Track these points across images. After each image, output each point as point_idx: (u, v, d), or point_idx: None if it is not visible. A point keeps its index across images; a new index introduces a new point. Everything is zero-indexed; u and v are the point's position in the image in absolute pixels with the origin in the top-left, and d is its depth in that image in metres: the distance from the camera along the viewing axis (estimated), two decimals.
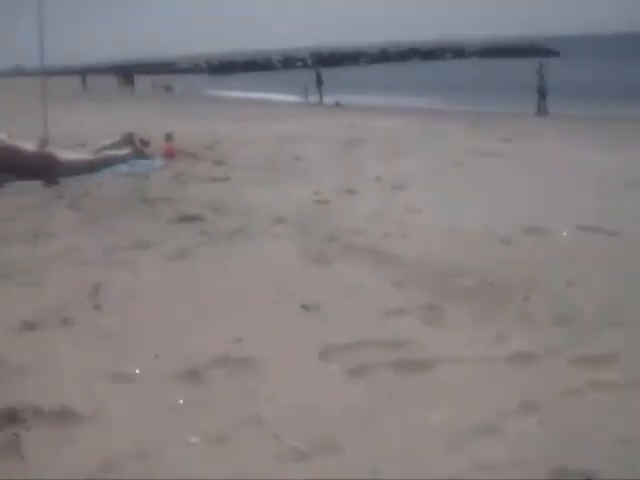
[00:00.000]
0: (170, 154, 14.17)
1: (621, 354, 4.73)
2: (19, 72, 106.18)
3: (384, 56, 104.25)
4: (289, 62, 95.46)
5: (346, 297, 5.97)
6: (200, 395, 4.29)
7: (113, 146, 13.62)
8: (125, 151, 13.48)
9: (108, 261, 7.12)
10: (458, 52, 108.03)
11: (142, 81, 65.53)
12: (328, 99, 37.94)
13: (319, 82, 40.37)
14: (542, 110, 29.05)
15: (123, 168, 12.74)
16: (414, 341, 5.02)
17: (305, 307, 5.69)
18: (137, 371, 4.60)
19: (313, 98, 39.79)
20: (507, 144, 15.77)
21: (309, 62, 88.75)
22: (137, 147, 13.96)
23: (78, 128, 18.14)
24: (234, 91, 56.24)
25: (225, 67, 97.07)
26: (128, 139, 14.08)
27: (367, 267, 6.78)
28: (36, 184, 11.41)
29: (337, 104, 35.49)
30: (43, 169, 11.73)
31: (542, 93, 29.29)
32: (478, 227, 8.02)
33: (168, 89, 61.44)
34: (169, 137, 14.86)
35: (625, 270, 6.48)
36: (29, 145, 12.10)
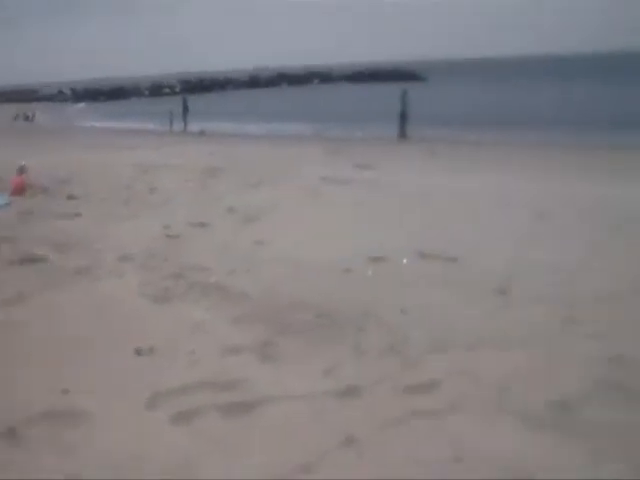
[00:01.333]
0: (20, 189, 13.70)
1: (442, 380, 4.89)
2: None
3: (253, 82, 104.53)
4: (157, 89, 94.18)
5: (183, 338, 5.91)
6: (17, 456, 4.13)
7: None
8: None
9: None
10: (326, 77, 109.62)
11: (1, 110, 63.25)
12: (193, 127, 37.65)
13: (185, 110, 40.04)
14: (403, 134, 29.88)
15: None
16: (246, 380, 5.03)
17: (138, 351, 5.59)
18: None
19: (178, 126, 39.42)
20: (364, 170, 16.06)
21: (177, 89, 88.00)
22: None
23: None
24: (98, 120, 55.06)
25: (91, 94, 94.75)
26: None
27: (209, 305, 6.74)
28: None
29: (201, 132, 35.30)
30: None
31: (404, 118, 30.14)
32: (323, 258, 8.11)
33: (28, 118, 59.38)
34: (22, 170, 14.38)
35: (457, 295, 6.70)
36: None
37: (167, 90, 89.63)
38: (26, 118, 59.49)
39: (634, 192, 11.91)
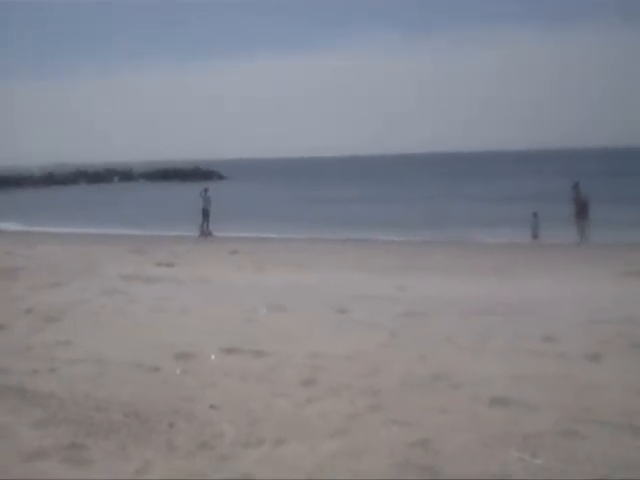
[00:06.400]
0: None
1: (255, 473, 4.97)
2: None
3: (50, 179, 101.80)
4: None
5: None
6: None
7: None
8: None
9: None
10: (126, 175, 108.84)
11: None
12: None
13: None
14: (205, 232, 30.20)
15: None
16: None
17: None
18: None
19: None
20: (168, 269, 16.10)
21: None
22: None
23: None
24: None
25: None
26: None
27: (10, 408, 6.46)
28: None
29: None
30: None
31: (206, 215, 30.53)
32: (129, 356, 8.01)
33: None
34: None
35: (265, 388, 6.85)
36: None
37: None
38: None
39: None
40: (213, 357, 7.97)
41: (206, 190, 31.25)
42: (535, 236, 25.36)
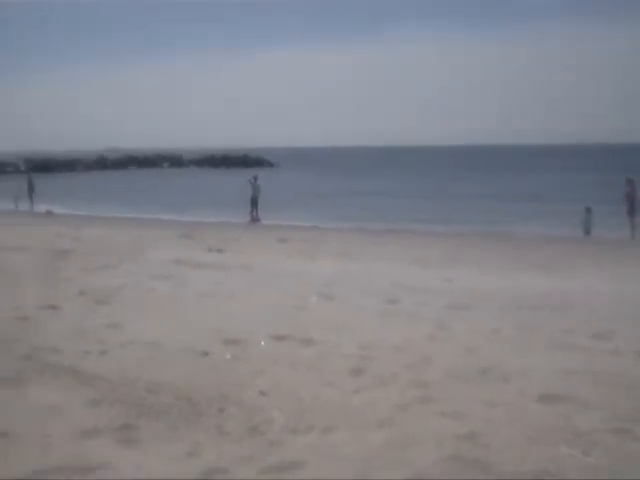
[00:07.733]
0: None
1: (305, 460, 5.01)
2: None
3: (101, 163, 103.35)
4: None
5: (37, 421, 5.75)
6: None
7: None
8: None
9: None
10: (176, 161, 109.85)
11: None
12: (40, 207, 36.71)
13: (30, 189, 39.01)
14: (254, 219, 30.40)
15: None
16: (106, 463, 4.95)
17: None
18: None
19: (24, 206, 38.27)
20: (218, 255, 16.23)
21: (22, 168, 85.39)
22: None
23: None
24: None
25: None
26: None
27: (63, 388, 6.59)
28: None
29: (48, 212, 34.49)
30: None
31: (254, 202, 30.71)
32: (179, 340, 8.11)
33: None
34: None
35: (314, 376, 6.87)
36: None
37: (10, 168, 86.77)
38: None
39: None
40: (263, 344, 8.03)
41: (255, 178, 31.39)
42: (587, 232, 24.95)
